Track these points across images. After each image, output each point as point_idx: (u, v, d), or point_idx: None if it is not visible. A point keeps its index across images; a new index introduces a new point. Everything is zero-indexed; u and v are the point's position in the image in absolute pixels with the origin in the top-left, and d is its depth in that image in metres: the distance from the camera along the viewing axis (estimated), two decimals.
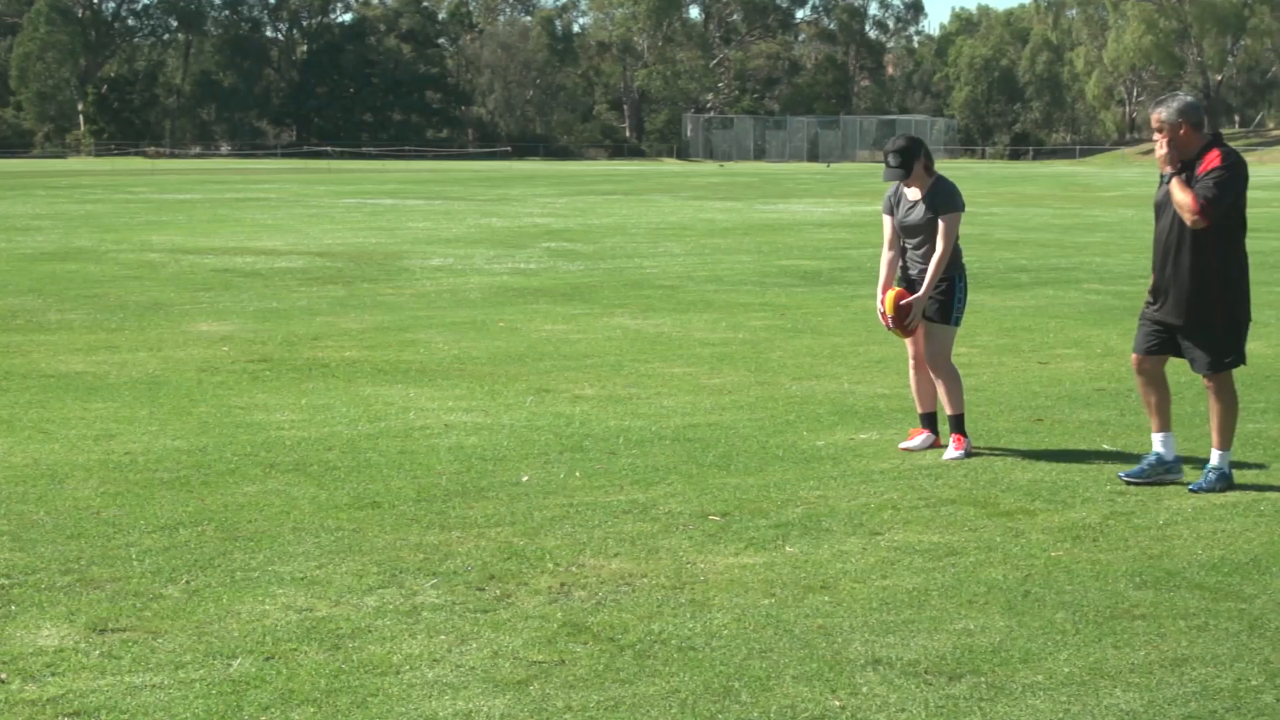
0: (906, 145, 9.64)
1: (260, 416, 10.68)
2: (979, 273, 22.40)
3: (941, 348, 9.72)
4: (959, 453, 9.49)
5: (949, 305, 9.65)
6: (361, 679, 5.56)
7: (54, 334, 14.99)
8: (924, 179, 9.64)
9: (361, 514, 7.96)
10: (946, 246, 9.54)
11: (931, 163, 9.69)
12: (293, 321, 16.16)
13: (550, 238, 29.77)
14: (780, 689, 5.51)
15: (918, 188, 9.67)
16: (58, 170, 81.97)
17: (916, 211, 9.63)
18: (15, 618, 6.19)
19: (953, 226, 9.56)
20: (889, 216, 9.81)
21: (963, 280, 9.74)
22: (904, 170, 9.59)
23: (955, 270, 9.68)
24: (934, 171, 9.71)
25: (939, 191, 9.62)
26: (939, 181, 9.66)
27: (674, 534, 7.63)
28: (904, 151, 9.59)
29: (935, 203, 9.57)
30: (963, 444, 9.55)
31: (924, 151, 9.66)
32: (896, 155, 9.60)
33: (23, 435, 9.93)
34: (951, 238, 9.56)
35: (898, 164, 9.59)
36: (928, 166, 9.65)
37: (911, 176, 9.62)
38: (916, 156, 9.59)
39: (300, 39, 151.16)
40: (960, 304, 9.73)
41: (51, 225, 32.48)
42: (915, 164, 9.58)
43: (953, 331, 9.75)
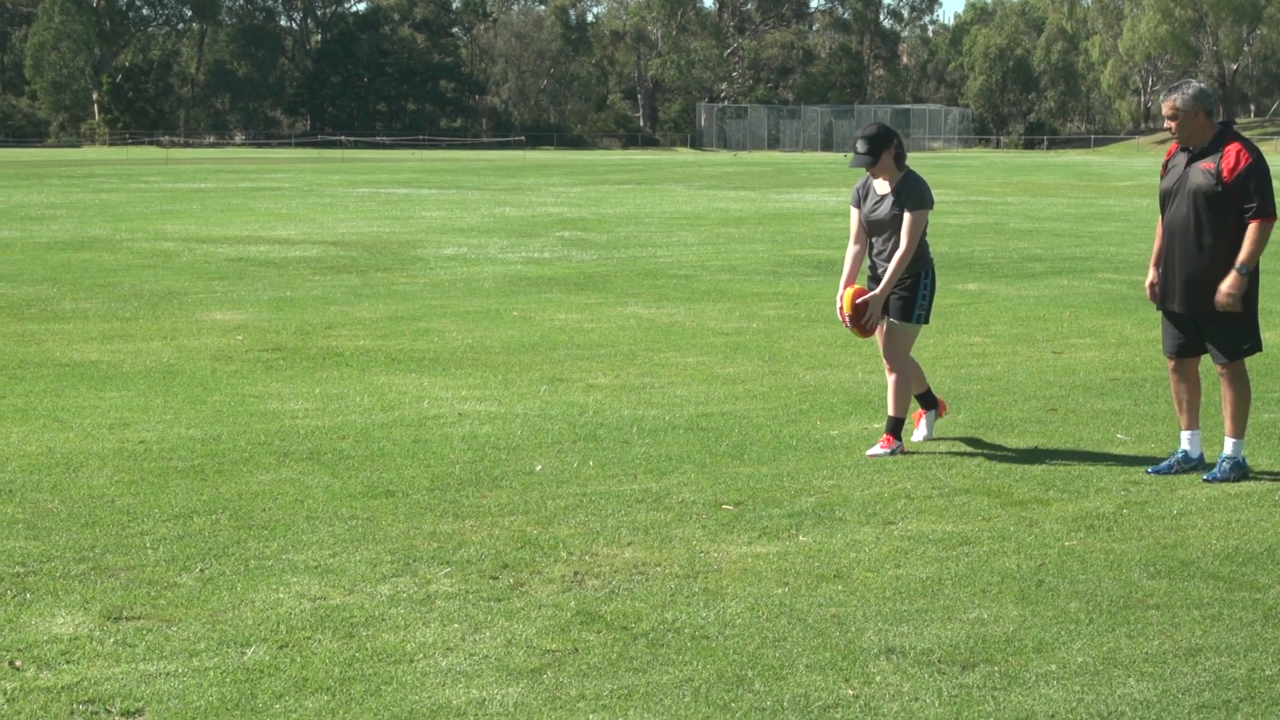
0: (877, 133, 9.28)
1: (274, 405, 10.70)
2: (993, 262, 22.38)
3: (899, 345, 9.42)
4: (883, 450, 9.22)
5: (911, 303, 9.35)
6: (375, 667, 5.57)
7: (69, 323, 15.02)
8: (893, 171, 9.33)
9: (375, 503, 7.97)
10: (910, 244, 9.20)
11: (903, 156, 9.37)
12: (307, 310, 16.17)
13: (564, 227, 29.76)
14: (794, 678, 5.51)
15: (886, 180, 9.36)
16: (72, 160, 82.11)
17: (884, 206, 9.32)
18: (30, 606, 6.21)
19: (918, 223, 9.22)
20: (856, 209, 9.50)
21: (929, 277, 9.43)
22: (872, 158, 9.24)
23: (921, 267, 9.38)
24: (905, 165, 9.41)
25: (907, 186, 9.29)
26: (908, 176, 9.34)
27: (687, 523, 7.64)
28: (874, 139, 9.24)
29: (902, 198, 9.26)
30: (890, 444, 9.26)
31: (896, 142, 9.33)
32: (865, 141, 9.26)
33: (38, 424, 9.95)
34: (916, 235, 9.22)
35: (866, 150, 9.25)
36: (898, 158, 9.32)
37: (879, 166, 9.29)
38: (886, 146, 9.26)
39: (314, 28, 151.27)
40: (925, 302, 9.41)
41: (66, 214, 32.53)
42: (884, 153, 9.25)
43: (915, 330, 9.46)
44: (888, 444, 9.28)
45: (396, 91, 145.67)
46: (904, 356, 9.45)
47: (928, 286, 9.42)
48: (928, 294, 9.43)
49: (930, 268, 9.46)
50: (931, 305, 9.52)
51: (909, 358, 9.53)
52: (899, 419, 9.34)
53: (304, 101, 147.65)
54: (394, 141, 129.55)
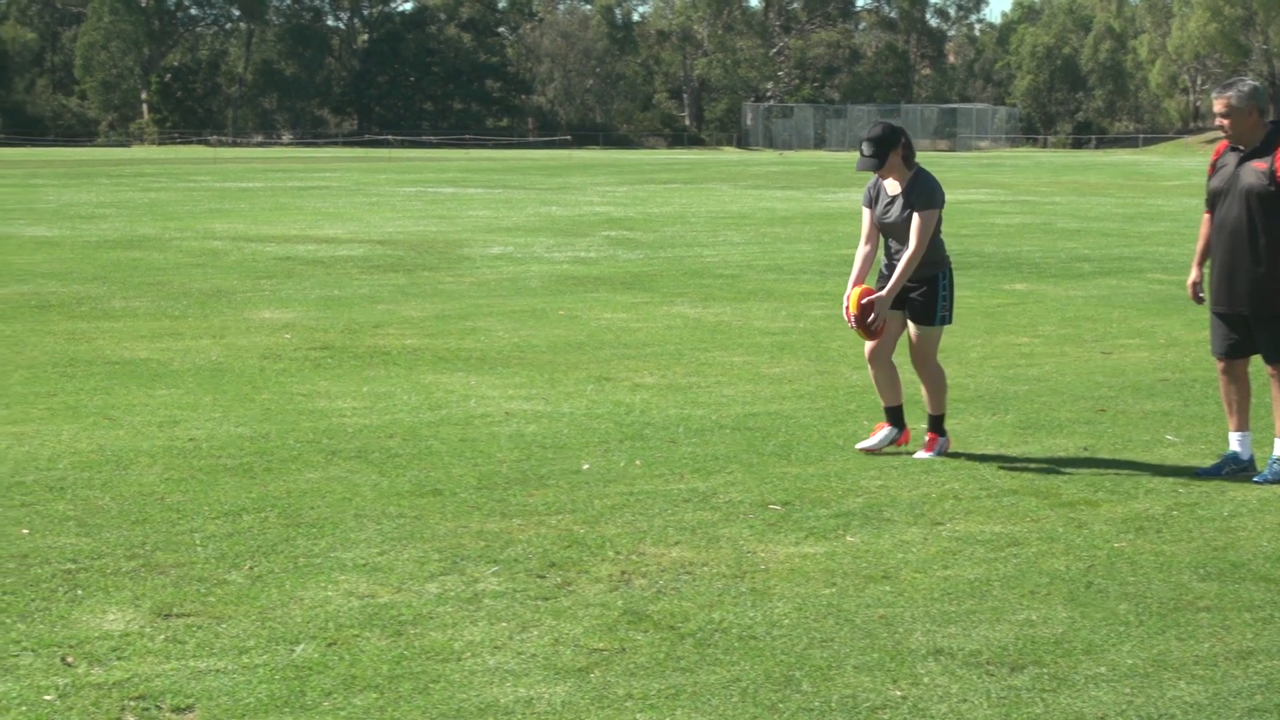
0: (882, 134, 8.99)
1: (322, 404, 10.74)
2: (1041, 262, 22.29)
3: (926, 350, 9.24)
4: (928, 454, 9.17)
5: (932, 306, 9.14)
6: (423, 665, 5.58)
7: (119, 321, 15.12)
8: (902, 171, 9.06)
9: (423, 501, 7.99)
10: (919, 244, 8.92)
11: (911, 154, 9.07)
12: (354, 309, 16.23)
13: (610, 226, 29.78)
14: (841, 679, 5.50)
15: (896, 180, 9.09)
16: (121, 159, 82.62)
17: (895, 208, 9.05)
18: (82, 602, 6.25)
19: (928, 224, 8.95)
20: (868, 209, 9.26)
21: (946, 278, 9.18)
22: (878, 160, 8.97)
23: (938, 269, 9.14)
24: (914, 164, 9.12)
25: (917, 186, 9.03)
26: (918, 175, 9.07)
27: (734, 523, 7.63)
28: (878, 140, 8.96)
29: (912, 198, 8.99)
30: (935, 445, 9.22)
31: (903, 141, 9.03)
32: (870, 144, 8.97)
33: (88, 421, 10.01)
34: (926, 235, 8.95)
35: (871, 153, 8.96)
36: (906, 158, 9.04)
37: (887, 167, 9.02)
38: (893, 146, 8.98)
39: (361, 28, 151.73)
40: (946, 303, 9.19)
41: (116, 213, 32.74)
42: (891, 154, 8.97)
43: (938, 332, 9.24)
44: (931, 444, 9.24)
45: (443, 91, 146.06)
46: (931, 360, 9.29)
47: (946, 287, 9.19)
48: (947, 294, 9.21)
49: (947, 268, 9.22)
50: (953, 305, 9.33)
51: (936, 363, 9.35)
52: (939, 416, 9.28)
53: (351, 101, 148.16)
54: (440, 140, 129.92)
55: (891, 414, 9.34)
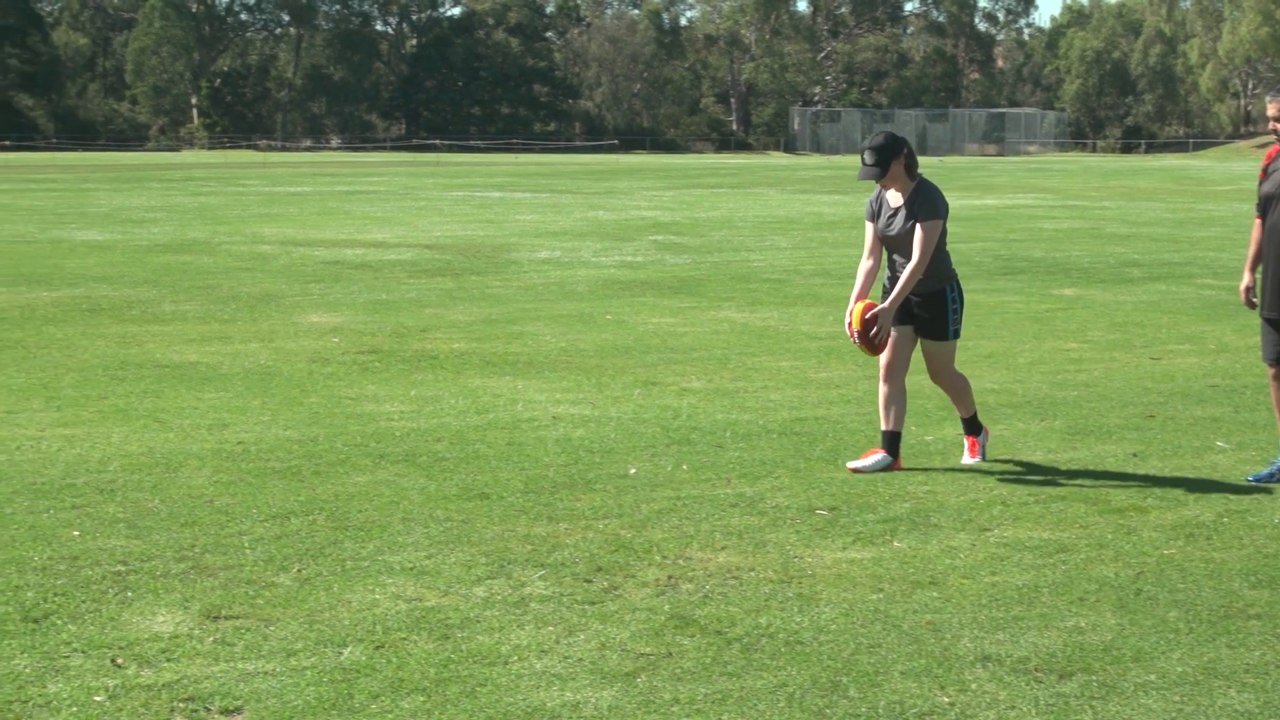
0: (884, 142, 8.78)
1: (370, 407, 10.77)
2: (1090, 267, 22.18)
3: (942, 365, 9.06)
4: (974, 459, 9.10)
5: (942, 321, 8.93)
6: (470, 669, 5.59)
7: (169, 325, 15.21)
8: (904, 182, 8.84)
9: (470, 505, 8.00)
10: (923, 256, 8.72)
11: (914, 165, 8.87)
12: (402, 313, 16.29)
13: (657, 231, 29.79)
14: (888, 684, 5.48)
15: (898, 192, 8.89)
16: (172, 163, 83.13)
17: (898, 221, 8.86)
18: (131, 604, 6.29)
19: (931, 235, 8.75)
20: (871, 224, 9.05)
21: (954, 290, 8.98)
22: (880, 169, 8.75)
23: (944, 282, 8.93)
24: (916, 175, 8.90)
25: (919, 196, 8.83)
26: (921, 185, 8.87)
27: (781, 528, 7.62)
28: (880, 149, 8.75)
29: (914, 208, 8.80)
30: (977, 447, 9.13)
31: (905, 151, 8.82)
32: (872, 153, 8.75)
33: (138, 424, 10.08)
34: (929, 246, 8.75)
35: (873, 162, 8.75)
36: (909, 168, 8.82)
37: (889, 177, 8.79)
38: (895, 156, 8.76)
39: (409, 33, 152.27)
40: (956, 316, 8.98)
41: (166, 217, 32.95)
42: (893, 163, 8.75)
43: (952, 346, 9.05)
44: (974, 449, 9.15)
45: (490, 95, 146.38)
46: (950, 372, 9.10)
47: (955, 300, 8.97)
48: (957, 307, 8.98)
49: (954, 281, 9.01)
50: (961, 317, 9.08)
51: (955, 372, 9.16)
52: (970, 417, 9.19)
53: (399, 105, 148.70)
54: (488, 145, 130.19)
55: (888, 439, 9.01)
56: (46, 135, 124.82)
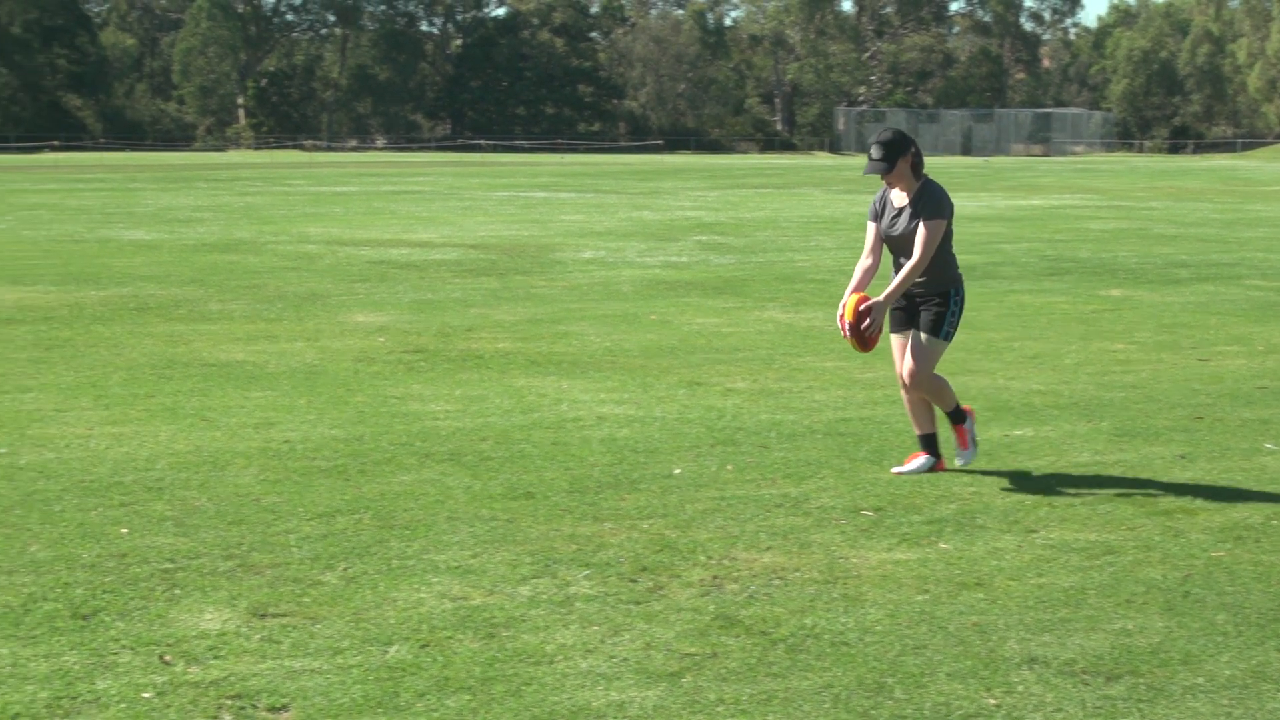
0: (893, 138, 8.63)
1: (416, 406, 10.80)
2: (1137, 267, 22.06)
3: (923, 362, 8.77)
4: (966, 451, 8.93)
5: (941, 319, 8.76)
6: (516, 668, 5.60)
7: (215, 324, 15.28)
8: (910, 181, 8.68)
9: (515, 504, 8.02)
10: (925, 253, 8.56)
11: (920, 165, 8.71)
12: (447, 313, 16.32)
13: (702, 231, 29.78)
14: (934, 686, 5.47)
15: (904, 192, 8.71)
16: (218, 163, 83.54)
17: (901, 221, 8.69)
18: (179, 601, 6.32)
19: (934, 234, 8.57)
20: (874, 223, 8.87)
21: (959, 295, 8.84)
22: (887, 164, 8.58)
23: (950, 285, 8.78)
24: (923, 175, 8.74)
25: (924, 196, 8.66)
26: (926, 185, 8.70)
27: (826, 528, 7.61)
28: (889, 144, 8.61)
29: (919, 208, 8.64)
30: (964, 434, 8.93)
31: (913, 150, 8.67)
32: (880, 147, 8.60)
33: (185, 423, 10.13)
34: (931, 245, 8.58)
35: (880, 156, 8.58)
36: (915, 167, 8.67)
37: (895, 174, 8.63)
38: (902, 153, 8.61)
39: (455, 33, 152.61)
40: (954, 318, 8.81)
41: (213, 217, 33.11)
42: (900, 161, 8.59)
43: (941, 347, 8.82)
44: (962, 437, 8.96)
45: (535, 95, 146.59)
46: (926, 377, 8.79)
47: (957, 304, 8.82)
48: (957, 311, 8.82)
49: (959, 285, 8.86)
50: (958, 324, 8.89)
51: (933, 375, 8.85)
52: (954, 408, 8.93)
53: (444, 105, 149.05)
54: (532, 145, 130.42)
55: (925, 442, 8.99)
56: (94, 135, 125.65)
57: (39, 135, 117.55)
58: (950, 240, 8.81)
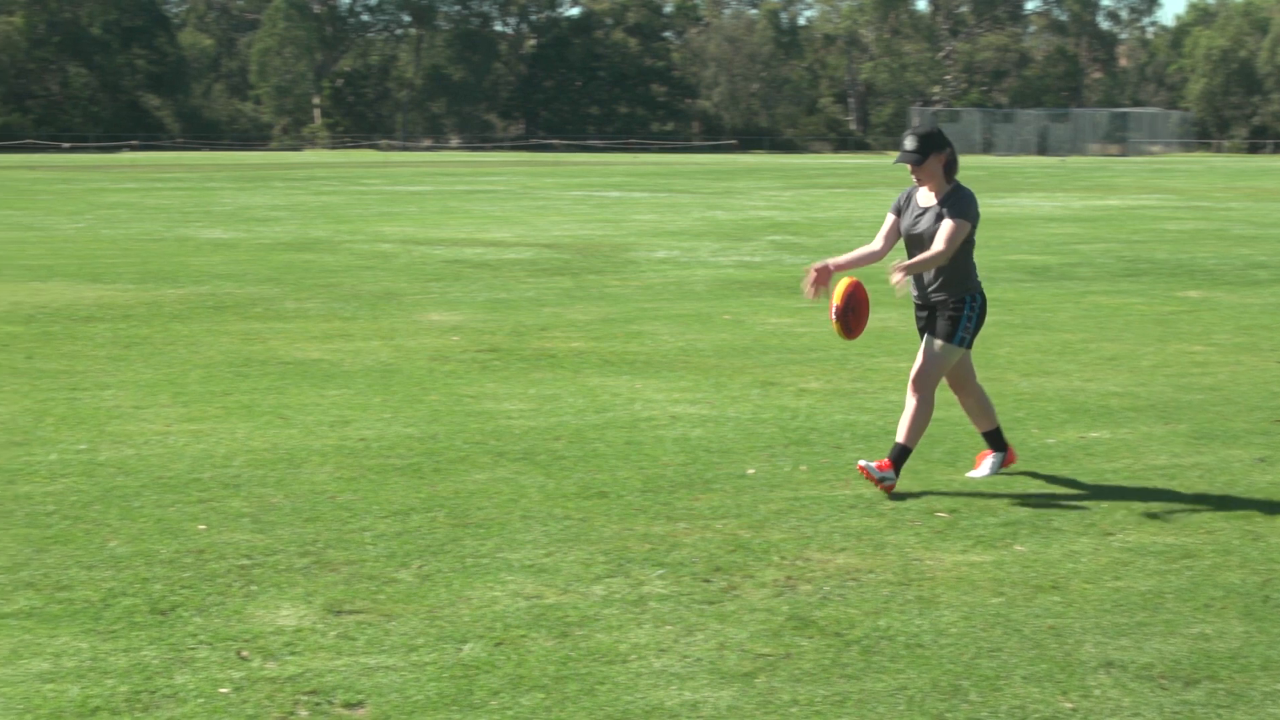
0: (929, 132, 8.42)
1: (489, 405, 10.84)
2: (1215, 269, 21.85)
3: (934, 367, 8.49)
4: (883, 473, 8.27)
5: (956, 323, 8.47)
6: (589, 667, 5.61)
7: (291, 322, 15.39)
8: (940, 182, 8.45)
9: (589, 503, 8.03)
10: (948, 246, 8.26)
11: (953, 169, 8.48)
12: (521, 312, 16.37)
13: (775, 231, 29.72)
14: (1010, 689, 5.44)
15: (932, 191, 8.48)
16: (294, 162, 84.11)
17: (925, 219, 8.46)
18: (256, 597, 6.37)
19: (958, 232, 8.29)
20: (894, 215, 8.68)
21: (977, 301, 8.53)
22: (919, 155, 8.34)
23: (967, 291, 8.49)
24: (954, 179, 8.52)
25: (954, 198, 8.42)
26: (957, 189, 8.46)
27: (900, 529, 7.58)
28: (924, 137, 8.40)
29: (945, 206, 8.39)
30: (886, 469, 8.31)
31: (948, 150, 8.43)
32: (915, 138, 8.40)
33: (262, 420, 10.21)
34: (954, 243, 8.29)
35: (914, 148, 8.36)
36: (948, 168, 8.45)
37: (925, 170, 8.40)
38: (936, 149, 8.37)
39: (529, 33, 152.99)
40: (971, 325, 8.51)
41: (289, 216, 33.34)
42: (933, 156, 8.36)
43: (955, 354, 8.50)
44: (884, 467, 8.32)
45: (608, 95, 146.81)
46: (933, 381, 8.52)
47: (974, 309, 8.51)
48: (974, 317, 8.52)
49: (978, 292, 8.57)
50: (977, 331, 8.58)
51: (934, 389, 8.54)
52: (906, 449, 8.43)
53: (518, 105, 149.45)
54: (606, 144, 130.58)
55: (990, 439, 8.85)
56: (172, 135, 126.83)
57: (118, 135, 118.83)
58: (972, 248, 8.56)
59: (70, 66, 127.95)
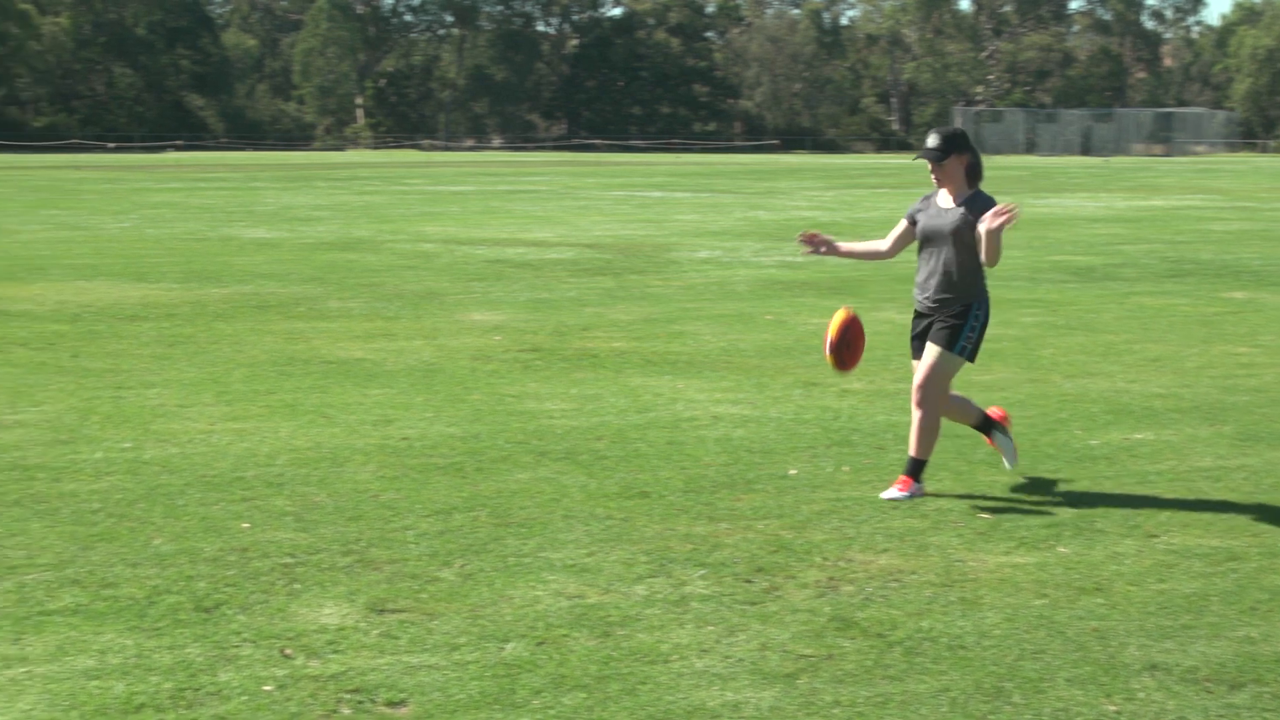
0: (954, 133, 8.29)
1: (531, 405, 10.85)
2: (1261, 270, 21.72)
3: (937, 378, 8.30)
4: (902, 493, 8.20)
5: (958, 332, 8.26)
6: (631, 667, 5.61)
7: (334, 321, 15.44)
8: (960, 185, 8.30)
9: (630, 503, 8.03)
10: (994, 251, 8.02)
11: (977, 174, 8.33)
12: (563, 312, 16.39)
13: (817, 230, 29.63)
14: (1053, 691, 5.41)
15: (951, 194, 8.32)
16: (337, 162, 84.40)
17: (948, 217, 8.26)
18: (299, 596, 6.40)
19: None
20: (906, 222, 8.58)
21: (981, 310, 8.32)
22: (939, 153, 8.21)
23: (973, 298, 8.30)
24: (977, 186, 8.36)
25: (977, 199, 8.22)
26: (978, 194, 8.29)
27: (943, 531, 7.55)
28: (949, 136, 8.28)
29: (975, 207, 8.18)
30: (909, 486, 8.25)
31: (970, 153, 8.28)
32: (939, 136, 8.27)
33: (305, 419, 10.24)
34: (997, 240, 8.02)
35: (936, 145, 8.22)
36: (970, 172, 8.30)
37: (945, 171, 8.26)
38: (959, 149, 8.24)
39: (571, 33, 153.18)
40: (973, 335, 8.29)
41: (331, 216, 33.46)
42: (953, 157, 8.22)
43: (957, 364, 8.30)
44: (905, 486, 8.26)
45: (651, 95, 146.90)
46: (938, 393, 8.32)
47: (978, 319, 8.30)
48: (977, 326, 8.30)
49: (984, 301, 8.36)
50: (980, 342, 8.37)
51: (939, 400, 8.35)
52: (921, 461, 8.32)
53: (560, 105, 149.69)
54: (648, 145, 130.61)
55: (982, 426, 8.69)
56: (216, 135, 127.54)
57: (163, 135, 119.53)
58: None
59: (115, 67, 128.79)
